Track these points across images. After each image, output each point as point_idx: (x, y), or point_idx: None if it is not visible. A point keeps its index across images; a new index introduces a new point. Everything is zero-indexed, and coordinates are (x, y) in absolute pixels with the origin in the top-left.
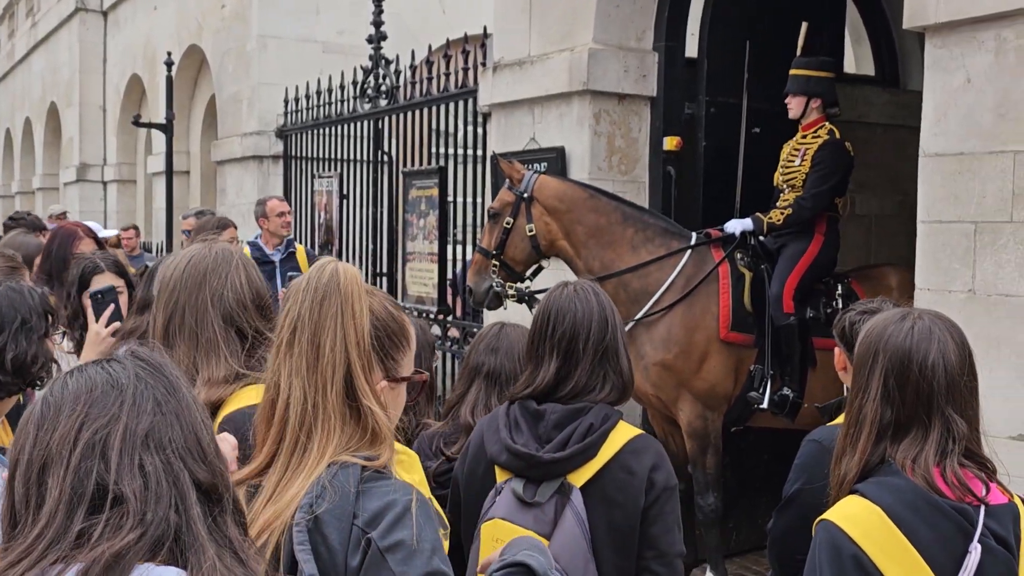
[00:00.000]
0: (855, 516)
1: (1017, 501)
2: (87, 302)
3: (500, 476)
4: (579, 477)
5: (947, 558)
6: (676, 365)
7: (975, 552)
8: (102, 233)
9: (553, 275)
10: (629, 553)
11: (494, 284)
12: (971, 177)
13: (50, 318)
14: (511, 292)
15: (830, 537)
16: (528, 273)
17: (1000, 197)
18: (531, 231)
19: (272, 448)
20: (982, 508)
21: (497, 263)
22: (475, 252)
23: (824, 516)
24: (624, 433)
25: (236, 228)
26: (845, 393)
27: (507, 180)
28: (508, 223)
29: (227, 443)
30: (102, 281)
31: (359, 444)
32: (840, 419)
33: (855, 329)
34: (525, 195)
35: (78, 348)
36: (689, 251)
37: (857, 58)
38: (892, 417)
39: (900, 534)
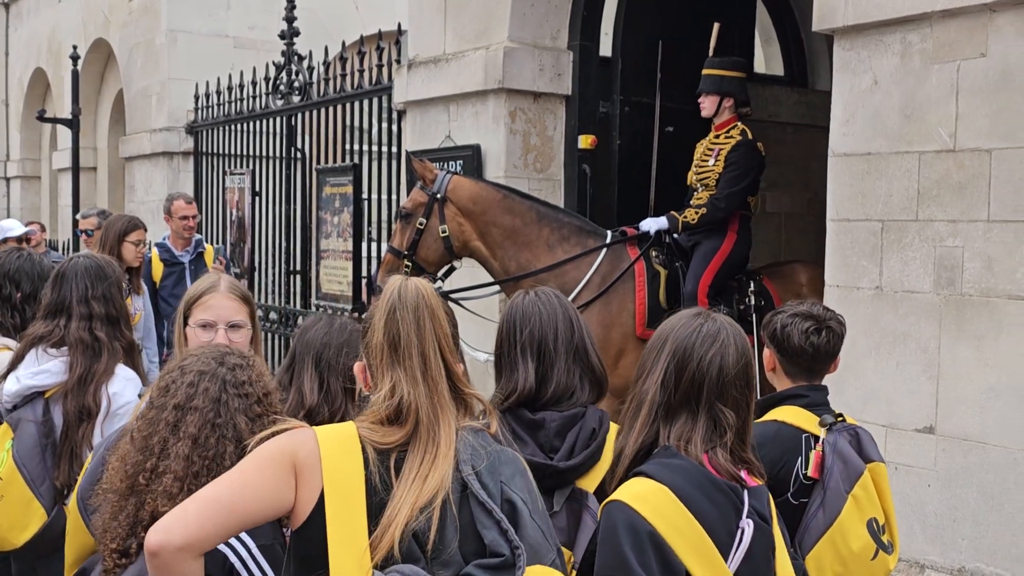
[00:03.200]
0: (645, 495)
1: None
2: None
3: None
4: (589, 482)
5: (725, 533)
6: None
7: (748, 527)
8: (14, 232)
9: (468, 274)
10: None
11: None
12: (878, 176)
13: None
14: None
15: (626, 517)
16: (440, 274)
17: (906, 196)
18: (444, 232)
19: (403, 437)
20: (746, 489)
21: (409, 263)
22: (386, 252)
23: (614, 497)
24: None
25: (146, 230)
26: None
27: (419, 180)
28: (421, 224)
29: None
30: None
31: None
32: (768, 415)
33: (787, 332)
34: (438, 196)
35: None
36: (605, 249)
37: (767, 58)
38: (665, 400)
39: (687, 512)
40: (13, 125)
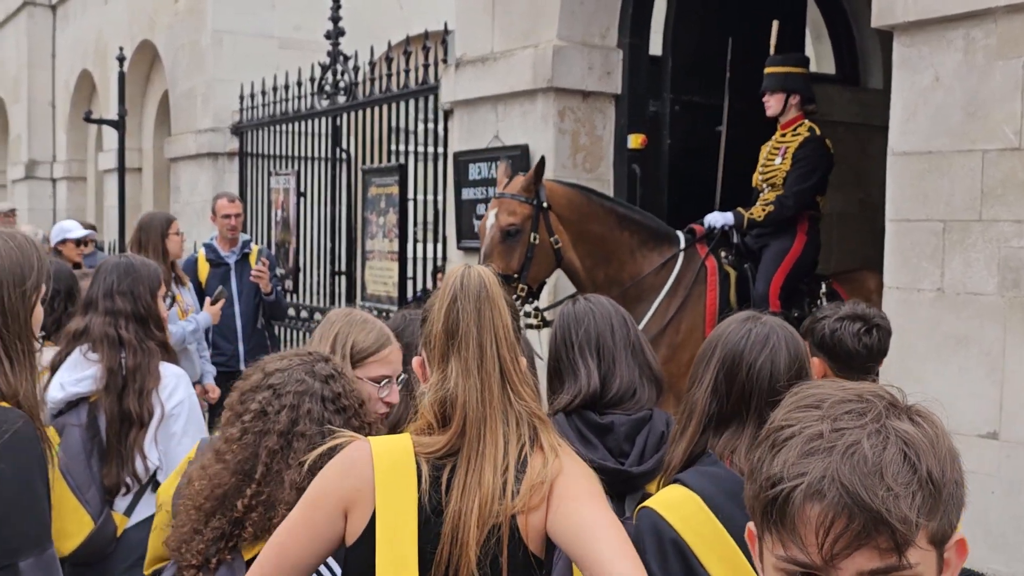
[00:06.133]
0: (674, 503)
1: None
2: None
3: None
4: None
5: None
6: (665, 366)
7: None
8: (73, 234)
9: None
10: None
11: (522, 316)
12: (940, 176)
13: None
14: (535, 322)
15: (652, 524)
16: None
17: (969, 196)
18: (557, 244)
19: (454, 439)
20: None
21: (525, 287)
22: None
23: (646, 503)
24: None
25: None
26: None
27: (506, 190)
28: (534, 239)
29: None
30: None
31: (533, 428)
32: None
33: (837, 336)
34: (545, 204)
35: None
36: (681, 254)
37: (818, 56)
38: (717, 409)
39: (716, 521)
40: (60, 127)
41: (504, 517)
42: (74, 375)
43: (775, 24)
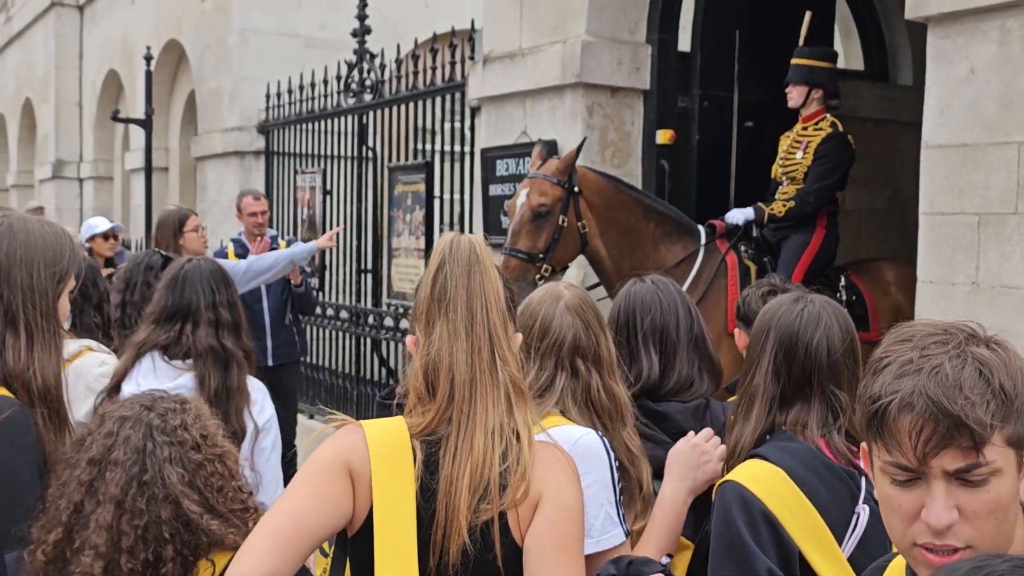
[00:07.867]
0: (759, 476)
1: None
2: None
3: None
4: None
5: (840, 517)
6: None
7: (864, 512)
8: (99, 229)
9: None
10: None
11: None
12: (975, 168)
13: None
14: None
15: (739, 495)
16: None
17: (1005, 188)
18: (584, 229)
19: (443, 406)
20: (863, 475)
21: (549, 268)
22: (508, 257)
23: (728, 477)
24: None
25: (196, 215)
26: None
27: (539, 171)
28: (563, 221)
29: None
30: None
31: (510, 401)
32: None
33: (746, 299)
34: (576, 189)
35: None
36: (702, 249)
37: (846, 52)
38: (779, 390)
39: (801, 494)
40: (87, 126)
41: (493, 514)
42: (162, 383)
43: (808, 15)
